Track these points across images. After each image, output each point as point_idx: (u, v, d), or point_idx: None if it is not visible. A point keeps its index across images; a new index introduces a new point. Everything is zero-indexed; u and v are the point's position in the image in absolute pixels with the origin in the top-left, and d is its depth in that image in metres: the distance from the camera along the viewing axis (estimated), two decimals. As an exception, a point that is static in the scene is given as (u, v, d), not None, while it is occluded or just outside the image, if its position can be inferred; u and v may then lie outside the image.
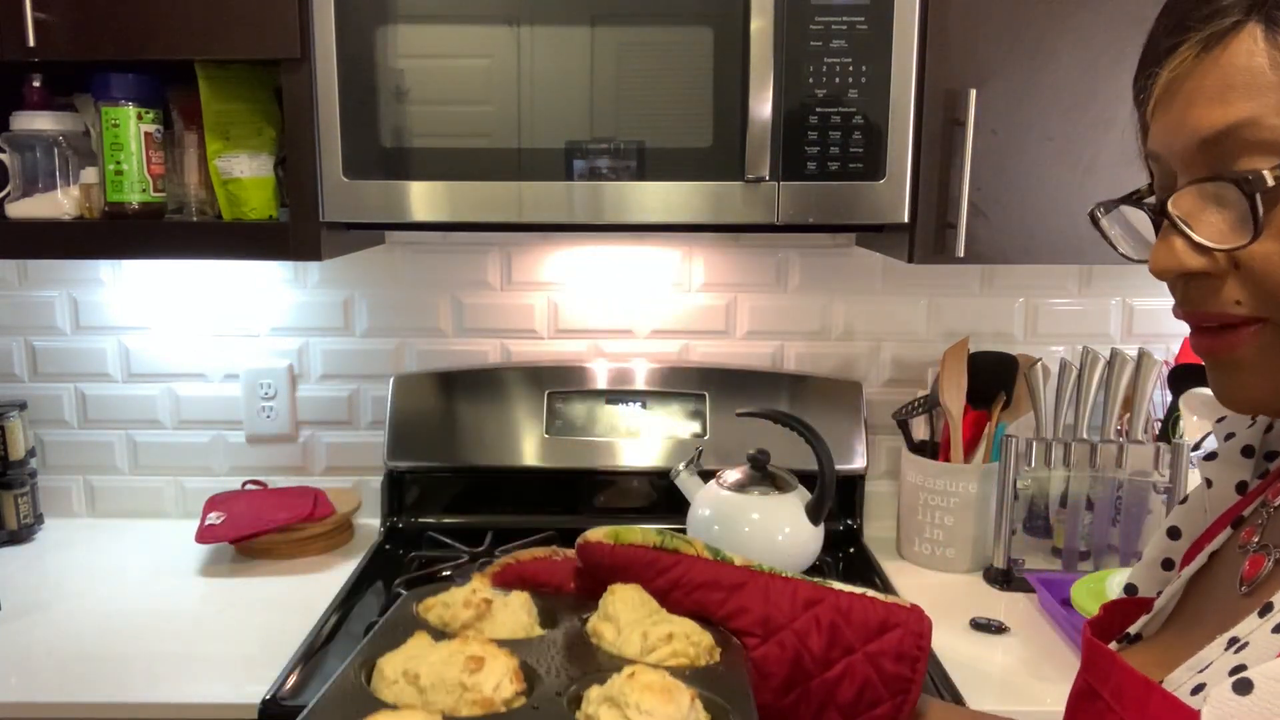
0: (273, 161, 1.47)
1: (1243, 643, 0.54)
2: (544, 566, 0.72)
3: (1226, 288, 0.53)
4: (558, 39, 1.32)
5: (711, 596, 0.67)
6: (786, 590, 0.68)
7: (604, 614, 0.65)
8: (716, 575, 0.68)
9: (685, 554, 0.68)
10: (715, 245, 1.78)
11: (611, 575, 0.68)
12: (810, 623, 0.67)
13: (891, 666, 0.67)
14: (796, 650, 0.66)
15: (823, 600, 0.68)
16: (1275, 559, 0.59)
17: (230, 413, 1.82)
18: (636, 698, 0.54)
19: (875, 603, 0.69)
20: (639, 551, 0.68)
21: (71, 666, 1.30)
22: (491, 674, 0.55)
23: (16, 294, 1.79)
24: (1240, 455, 0.72)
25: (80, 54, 1.35)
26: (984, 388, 1.65)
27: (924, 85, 1.34)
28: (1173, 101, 0.54)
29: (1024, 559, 1.61)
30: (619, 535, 0.68)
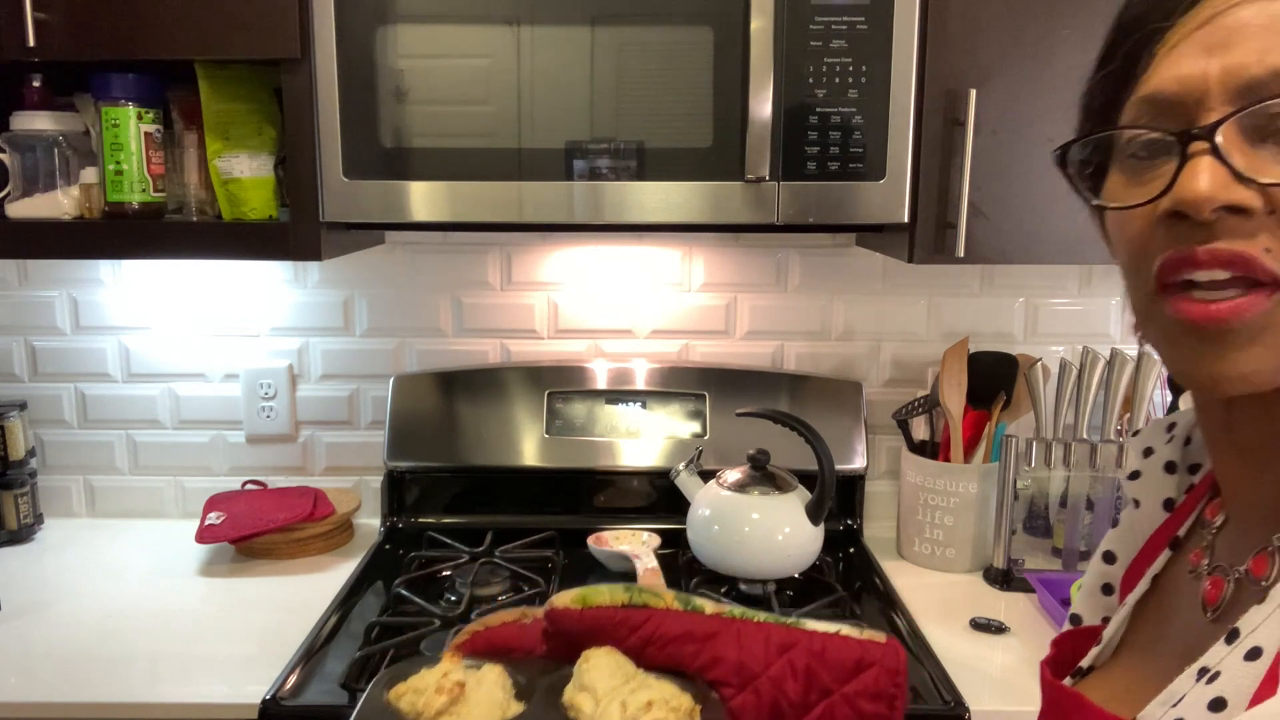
0: (273, 161, 1.47)
1: (1214, 673, 0.52)
2: (514, 631, 0.70)
3: (1262, 233, 0.50)
4: (558, 39, 1.32)
5: (685, 649, 0.66)
6: (759, 636, 0.67)
7: (579, 684, 0.64)
8: (689, 627, 0.67)
9: (655, 608, 0.67)
10: (715, 245, 1.78)
11: (584, 639, 0.67)
12: (785, 668, 0.66)
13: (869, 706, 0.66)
14: (773, 697, 0.66)
15: (796, 644, 0.67)
16: (1235, 579, 0.58)
17: (230, 413, 1.82)
18: None
19: (849, 641, 0.67)
20: (608, 613, 0.67)
21: (71, 666, 1.30)
22: None
23: (16, 294, 1.79)
24: (1163, 472, 0.70)
25: (80, 54, 1.35)
26: (984, 388, 1.65)
27: (924, 85, 1.34)
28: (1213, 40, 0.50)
29: (1024, 559, 1.61)
30: (586, 598, 0.67)
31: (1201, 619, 0.59)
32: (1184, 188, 0.50)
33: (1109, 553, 0.73)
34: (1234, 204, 0.49)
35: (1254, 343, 0.50)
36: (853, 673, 0.66)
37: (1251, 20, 0.49)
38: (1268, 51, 0.49)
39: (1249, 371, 0.51)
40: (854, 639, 0.67)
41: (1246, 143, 0.50)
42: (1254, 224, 0.49)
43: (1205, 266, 0.50)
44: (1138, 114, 0.54)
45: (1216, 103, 0.50)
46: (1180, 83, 0.51)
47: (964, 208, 1.35)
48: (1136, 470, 0.72)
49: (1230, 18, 0.50)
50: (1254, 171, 0.49)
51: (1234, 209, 0.49)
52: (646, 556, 1.53)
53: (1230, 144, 0.49)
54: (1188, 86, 0.51)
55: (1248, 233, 0.49)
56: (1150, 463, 0.71)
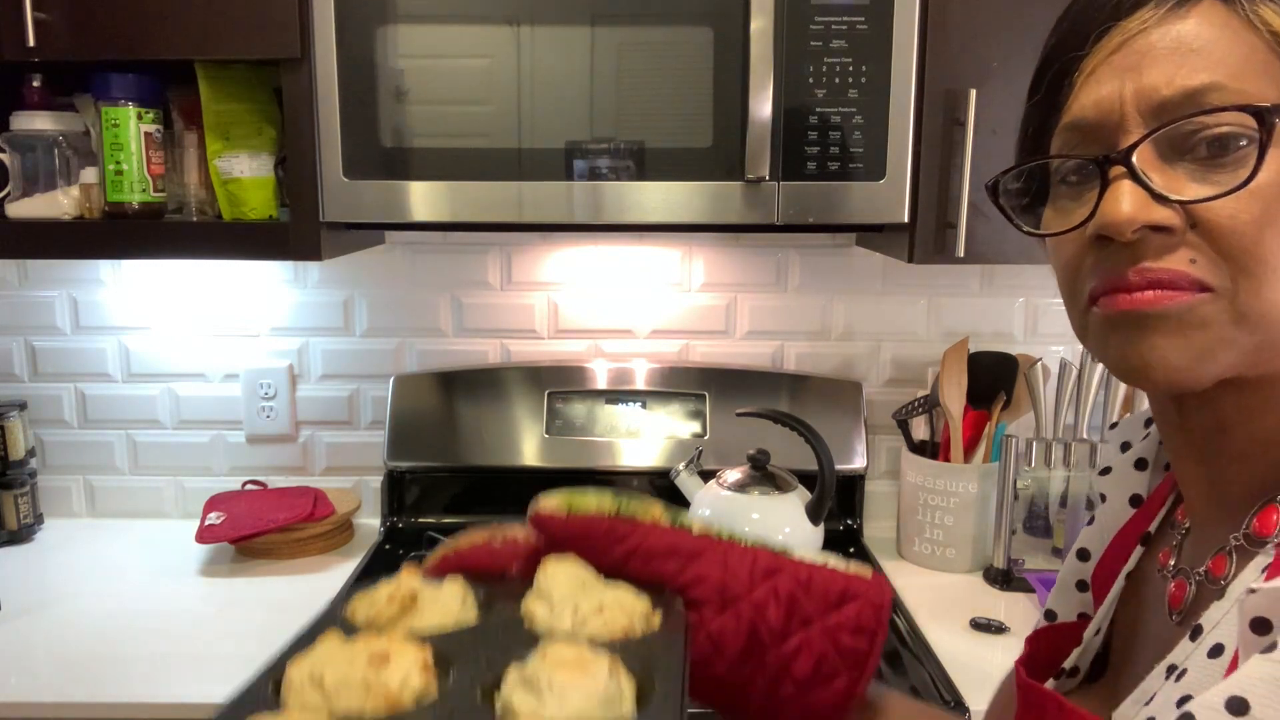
0: (273, 161, 1.48)
1: (1181, 669, 0.53)
2: (484, 552, 0.68)
3: (1183, 245, 0.52)
4: (558, 39, 1.32)
5: (668, 566, 0.64)
6: (745, 559, 0.64)
7: (538, 592, 0.61)
8: (675, 543, 0.64)
9: (642, 521, 0.65)
10: (715, 245, 1.78)
11: (567, 546, 0.65)
12: (769, 594, 0.63)
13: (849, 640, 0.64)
14: (753, 622, 0.63)
15: (782, 570, 0.65)
16: (1196, 582, 0.59)
17: (230, 413, 1.82)
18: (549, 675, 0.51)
19: (835, 574, 0.65)
20: (595, 522, 0.64)
21: (71, 666, 1.30)
22: (397, 669, 0.52)
23: (16, 294, 1.79)
24: (1133, 468, 0.71)
25: (80, 54, 1.35)
26: (984, 388, 1.65)
27: (924, 85, 1.34)
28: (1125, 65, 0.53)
29: (1024, 559, 1.61)
30: (573, 505, 0.65)
31: (1169, 621, 0.60)
32: (1106, 212, 0.52)
33: (1083, 550, 0.74)
34: (1155, 223, 0.51)
35: (1176, 334, 0.52)
36: (836, 605, 0.64)
37: (1158, 43, 0.52)
38: (1176, 73, 0.51)
39: (1172, 358, 0.53)
40: (840, 572, 0.65)
41: (1163, 162, 0.52)
42: (1176, 239, 0.52)
43: (1137, 289, 0.53)
44: (1064, 141, 0.57)
45: (1133, 125, 0.53)
46: (1098, 107, 0.54)
47: (964, 208, 1.35)
48: (1108, 466, 0.73)
49: (1140, 42, 0.52)
50: (1171, 190, 0.51)
51: (1156, 228, 0.52)
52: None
53: (1147, 165, 0.52)
54: (1105, 111, 0.54)
55: (1170, 248, 0.52)
56: (1124, 459, 0.72)
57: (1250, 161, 0.51)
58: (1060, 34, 0.58)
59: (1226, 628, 0.52)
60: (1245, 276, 0.51)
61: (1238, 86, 0.51)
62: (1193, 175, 0.52)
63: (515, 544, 0.68)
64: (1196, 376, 0.53)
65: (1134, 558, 0.67)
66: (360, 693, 0.52)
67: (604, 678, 0.52)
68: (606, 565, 0.64)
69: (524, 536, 0.68)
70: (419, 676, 0.53)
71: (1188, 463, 0.61)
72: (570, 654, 0.52)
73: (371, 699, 0.51)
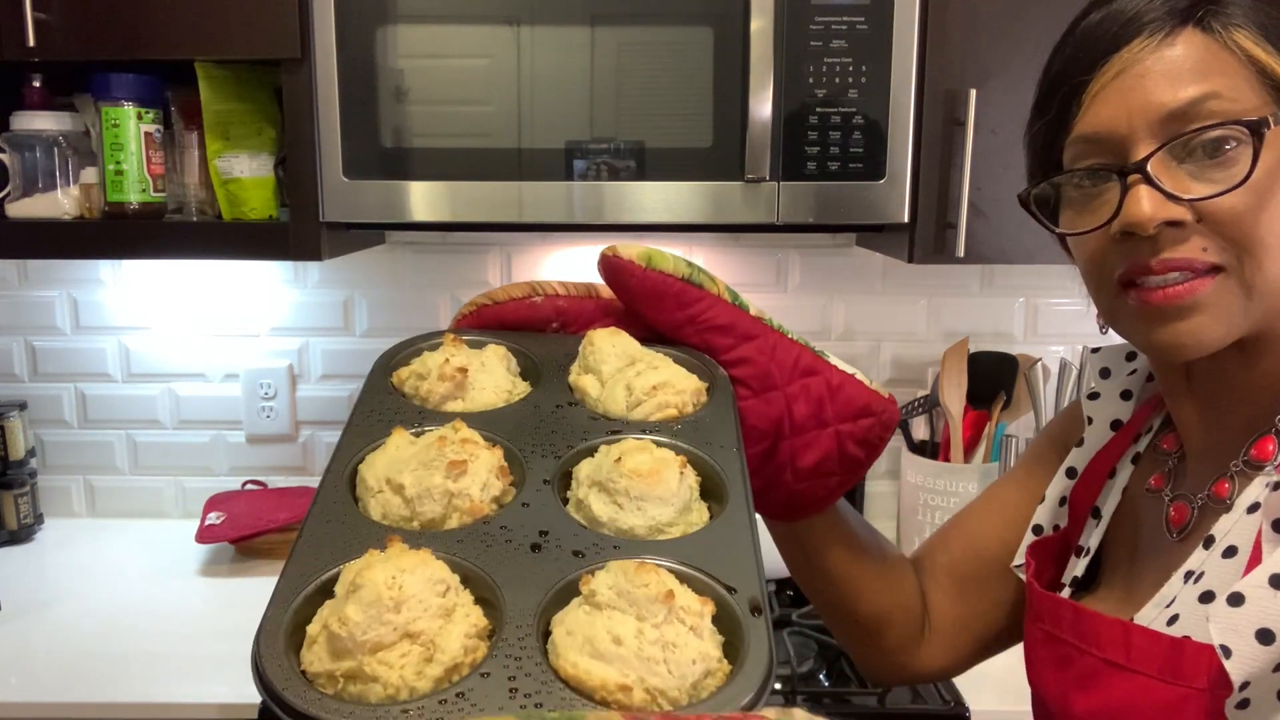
0: (273, 161, 1.47)
1: (1198, 574, 0.63)
2: (523, 309, 0.69)
3: (1194, 237, 0.61)
4: (558, 39, 1.32)
5: (722, 340, 0.68)
6: (790, 353, 0.70)
7: (584, 365, 0.62)
8: (733, 320, 0.69)
9: (709, 292, 0.68)
10: (715, 245, 1.78)
11: (633, 299, 0.67)
12: (801, 390, 0.69)
13: (853, 448, 0.72)
14: (781, 412, 0.69)
15: (819, 373, 0.71)
16: (1199, 506, 0.68)
17: (230, 413, 1.82)
18: (625, 483, 0.52)
19: (862, 388, 0.72)
20: (669, 281, 0.67)
21: (71, 666, 1.30)
22: (476, 476, 0.52)
23: (16, 294, 1.79)
24: (1119, 398, 0.78)
25: (80, 54, 1.35)
26: (984, 388, 1.65)
27: (924, 85, 1.34)
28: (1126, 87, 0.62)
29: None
30: (652, 259, 0.67)
31: (1167, 538, 0.69)
32: (1130, 212, 0.61)
33: (1071, 468, 0.79)
34: (1170, 219, 0.61)
35: (1201, 313, 0.62)
36: (854, 416, 0.72)
37: (1154, 67, 0.62)
38: (1173, 87, 0.61)
39: (1204, 337, 0.62)
40: (866, 386, 0.73)
41: (1171, 166, 0.61)
42: (1187, 231, 0.61)
43: (1159, 273, 0.62)
44: (1077, 152, 0.65)
45: (1142, 136, 0.62)
46: (1108, 123, 0.63)
47: (964, 208, 1.35)
48: (1096, 391, 0.79)
49: (1138, 67, 0.62)
50: (1181, 191, 0.61)
51: (1171, 223, 0.61)
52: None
53: (1159, 171, 0.61)
54: (1113, 125, 0.63)
55: (1184, 239, 0.61)
56: (1108, 385, 0.79)
57: (1244, 160, 0.60)
58: (1064, 60, 0.67)
59: (1238, 534, 0.62)
60: (1249, 256, 0.61)
61: (1230, 95, 0.60)
62: (1195, 175, 0.61)
63: (555, 299, 0.68)
64: (1218, 342, 0.63)
65: (1125, 474, 0.75)
66: (442, 502, 0.52)
67: (676, 481, 0.53)
68: (666, 325, 0.67)
69: (563, 290, 0.70)
70: (496, 482, 0.53)
71: (1188, 405, 0.69)
72: (644, 462, 0.53)
73: (454, 509, 0.52)
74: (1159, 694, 0.61)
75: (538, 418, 0.59)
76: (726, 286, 0.70)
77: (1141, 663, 0.63)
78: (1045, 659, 0.71)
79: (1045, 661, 0.71)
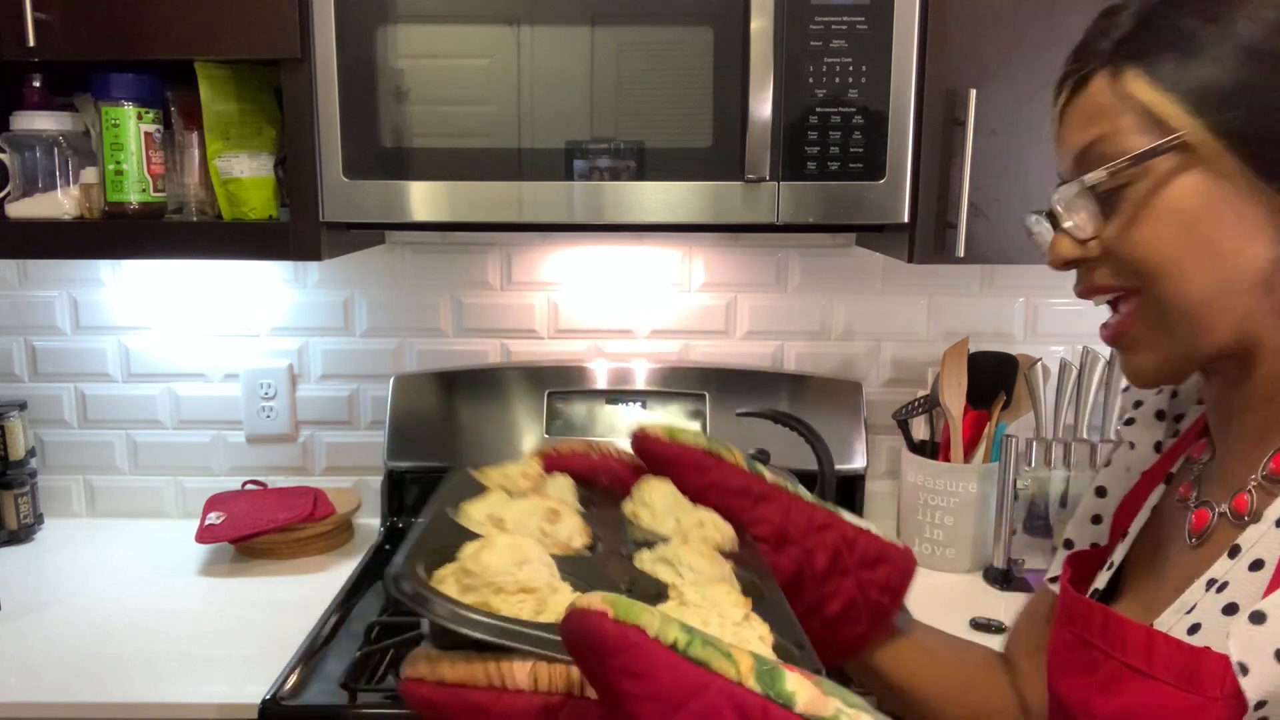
0: (273, 161, 1.47)
1: (1222, 583, 0.63)
2: (582, 460, 0.79)
3: (1102, 267, 0.68)
4: (557, 39, 1.32)
5: (739, 502, 0.76)
6: (804, 511, 0.77)
7: (639, 500, 0.73)
8: (748, 485, 0.77)
9: (725, 460, 0.77)
10: (715, 245, 1.78)
11: (660, 467, 0.76)
12: (818, 544, 0.76)
13: (876, 595, 0.78)
14: (800, 564, 0.76)
15: (832, 527, 0.77)
16: (1219, 513, 0.69)
17: (230, 413, 1.82)
18: (688, 560, 0.63)
19: (875, 539, 0.79)
20: (690, 450, 0.76)
21: (71, 666, 1.30)
22: (567, 526, 0.63)
23: (16, 294, 1.79)
24: (1154, 419, 0.82)
25: (80, 54, 1.35)
26: (984, 388, 1.65)
27: (924, 85, 1.34)
28: (1058, 126, 0.70)
29: (1024, 559, 1.61)
30: (674, 433, 0.77)
31: (1188, 544, 0.70)
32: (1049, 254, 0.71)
33: (1101, 488, 0.84)
34: (1074, 258, 0.69)
35: (1134, 350, 0.68)
36: (871, 564, 0.78)
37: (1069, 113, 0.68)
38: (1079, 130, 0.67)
39: (1141, 369, 0.69)
40: (878, 538, 0.79)
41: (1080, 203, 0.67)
42: (1096, 261, 0.68)
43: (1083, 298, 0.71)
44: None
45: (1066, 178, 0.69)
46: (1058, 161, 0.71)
47: (964, 208, 1.35)
48: (1131, 417, 0.84)
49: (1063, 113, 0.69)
50: (1081, 232, 0.68)
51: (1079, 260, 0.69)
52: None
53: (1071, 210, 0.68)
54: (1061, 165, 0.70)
55: (1094, 268, 0.69)
56: (1141, 411, 0.83)
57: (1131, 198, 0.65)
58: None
59: (1265, 547, 0.63)
60: (1152, 281, 0.65)
61: (1120, 136, 0.65)
62: (1099, 213, 0.67)
63: (608, 459, 0.79)
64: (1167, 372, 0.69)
65: (1157, 492, 0.77)
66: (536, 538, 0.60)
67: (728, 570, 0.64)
68: (690, 489, 0.75)
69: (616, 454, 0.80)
70: (580, 537, 0.64)
71: (1214, 413, 0.73)
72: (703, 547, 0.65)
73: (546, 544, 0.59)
74: (1176, 701, 0.62)
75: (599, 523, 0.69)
76: (743, 455, 0.78)
77: (1162, 669, 0.63)
78: (1072, 662, 0.72)
79: (1072, 665, 0.72)
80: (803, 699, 0.45)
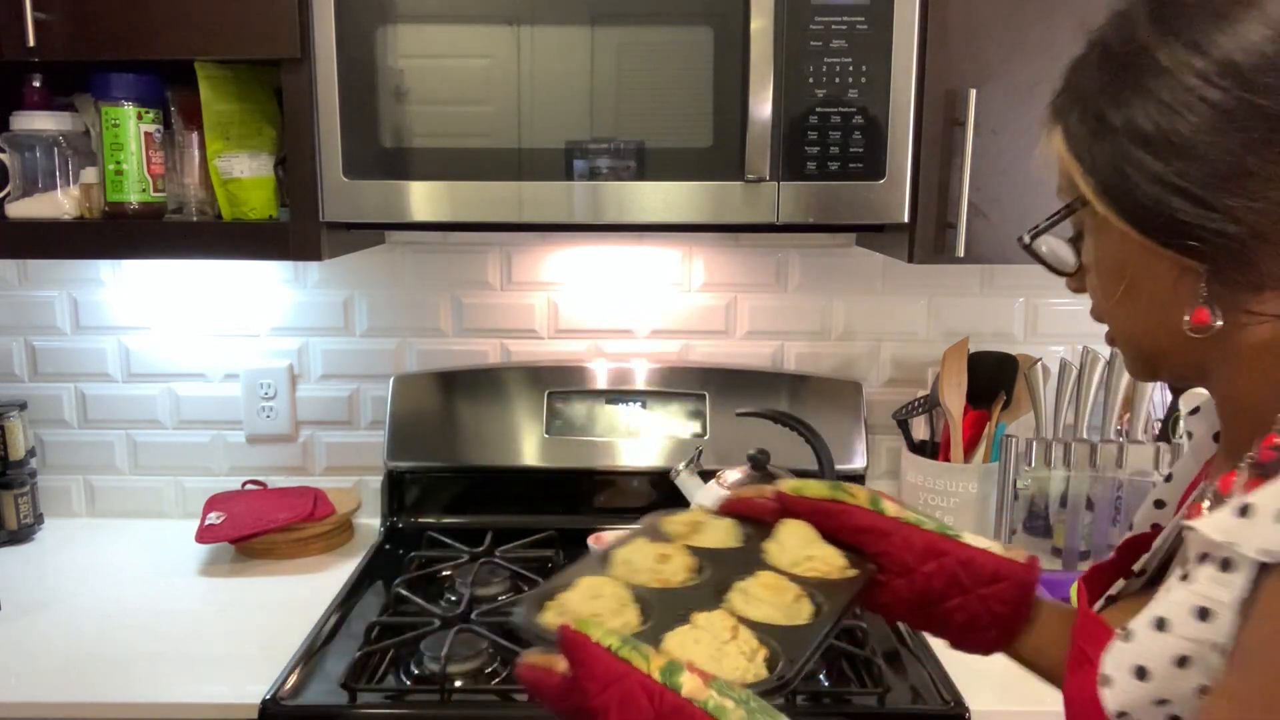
0: (273, 161, 1.48)
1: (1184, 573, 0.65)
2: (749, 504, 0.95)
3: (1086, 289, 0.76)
4: (557, 39, 1.32)
5: (865, 539, 0.88)
6: (921, 540, 0.87)
7: (775, 538, 0.89)
8: (872, 523, 0.88)
9: (849, 504, 0.90)
10: (715, 245, 1.78)
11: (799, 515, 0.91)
12: (937, 568, 0.85)
13: (998, 607, 0.85)
14: (923, 587, 0.86)
15: (949, 553, 0.85)
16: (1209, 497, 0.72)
17: (230, 413, 1.82)
18: (756, 591, 0.80)
19: (992, 557, 0.86)
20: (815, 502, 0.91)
21: (71, 666, 1.30)
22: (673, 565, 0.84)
23: (16, 294, 1.79)
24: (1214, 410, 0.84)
25: (80, 54, 1.35)
26: (984, 388, 1.65)
27: (924, 85, 1.34)
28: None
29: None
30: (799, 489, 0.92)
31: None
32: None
33: (1169, 474, 0.87)
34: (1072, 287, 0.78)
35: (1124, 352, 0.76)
36: (989, 581, 0.85)
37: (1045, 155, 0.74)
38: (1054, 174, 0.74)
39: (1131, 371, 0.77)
40: (995, 555, 0.86)
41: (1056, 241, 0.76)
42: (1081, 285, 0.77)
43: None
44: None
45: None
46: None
47: (964, 208, 1.35)
48: (1196, 407, 0.86)
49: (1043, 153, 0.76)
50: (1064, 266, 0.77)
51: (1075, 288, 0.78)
52: (646, 556, 1.53)
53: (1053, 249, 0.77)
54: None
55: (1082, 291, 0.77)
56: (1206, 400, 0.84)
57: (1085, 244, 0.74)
58: None
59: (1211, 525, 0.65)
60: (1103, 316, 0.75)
61: (1063, 189, 0.73)
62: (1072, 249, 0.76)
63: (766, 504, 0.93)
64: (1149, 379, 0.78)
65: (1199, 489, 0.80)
66: (646, 575, 0.83)
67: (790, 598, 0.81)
68: (825, 531, 0.89)
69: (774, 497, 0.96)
70: (684, 574, 0.84)
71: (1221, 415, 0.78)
72: (771, 579, 0.82)
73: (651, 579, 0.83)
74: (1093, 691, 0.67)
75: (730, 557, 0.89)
76: (867, 496, 0.90)
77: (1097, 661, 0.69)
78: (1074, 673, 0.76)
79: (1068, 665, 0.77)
80: (687, 688, 0.67)
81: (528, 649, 0.77)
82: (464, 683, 1.24)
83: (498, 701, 1.22)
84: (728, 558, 0.89)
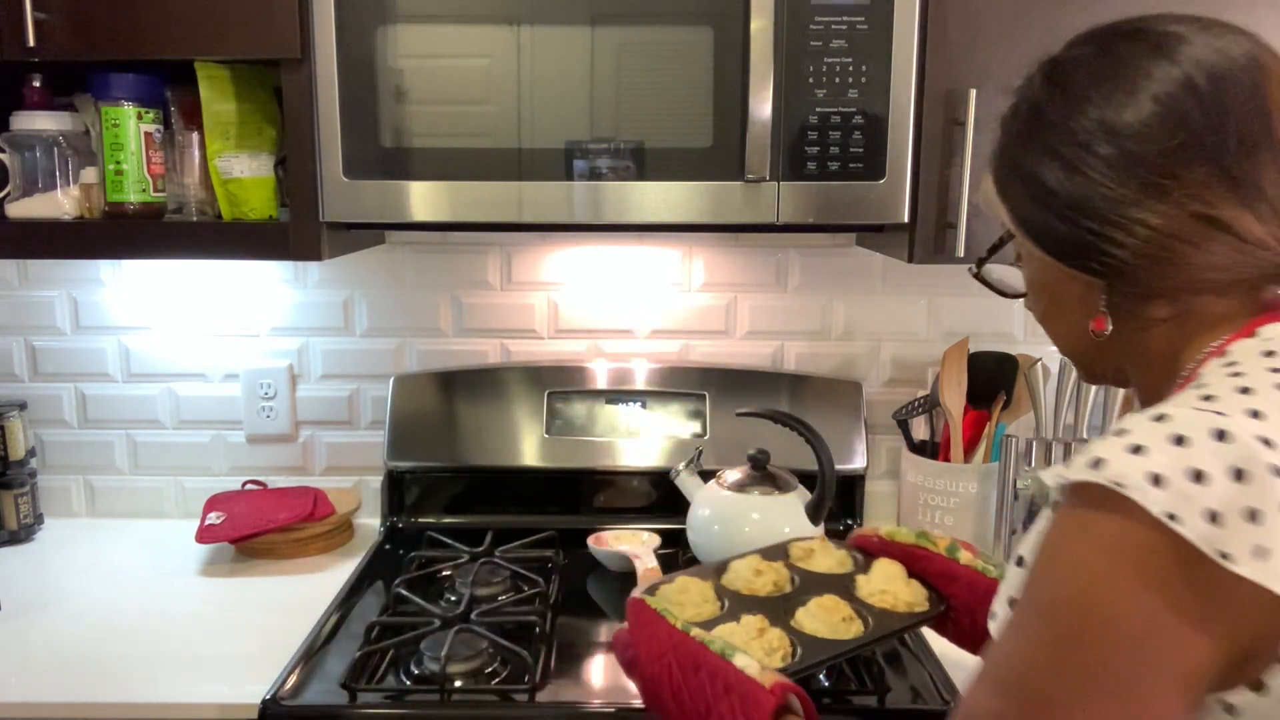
0: (273, 161, 1.48)
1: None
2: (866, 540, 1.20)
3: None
4: (558, 39, 1.32)
5: (940, 581, 1.10)
6: (985, 585, 1.05)
7: (868, 572, 1.12)
8: (947, 569, 1.10)
9: (928, 550, 1.12)
10: (715, 245, 1.78)
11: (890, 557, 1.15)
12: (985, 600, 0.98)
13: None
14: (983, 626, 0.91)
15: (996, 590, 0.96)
16: None
17: (230, 413, 1.82)
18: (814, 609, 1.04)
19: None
20: (901, 546, 1.15)
21: (71, 666, 1.30)
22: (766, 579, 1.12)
23: (16, 294, 1.79)
24: None
25: (80, 54, 1.35)
26: (984, 388, 1.65)
27: (924, 85, 1.34)
28: None
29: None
30: (891, 534, 1.17)
31: None
32: None
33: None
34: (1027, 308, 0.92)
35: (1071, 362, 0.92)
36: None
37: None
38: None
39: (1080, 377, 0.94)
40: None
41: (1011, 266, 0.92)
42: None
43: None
44: None
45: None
46: None
47: (964, 208, 1.35)
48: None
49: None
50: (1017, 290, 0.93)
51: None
52: (647, 556, 1.53)
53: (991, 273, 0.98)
54: None
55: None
56: None
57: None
58: None
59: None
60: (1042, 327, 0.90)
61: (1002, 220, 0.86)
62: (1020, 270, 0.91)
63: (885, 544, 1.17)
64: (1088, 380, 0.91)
65: None
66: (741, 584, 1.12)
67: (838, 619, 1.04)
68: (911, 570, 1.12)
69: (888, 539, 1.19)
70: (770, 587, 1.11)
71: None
72: (830, 602, 1.06)
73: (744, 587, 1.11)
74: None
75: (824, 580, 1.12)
76: (947, 543, 1.11)
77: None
78: None
79: None
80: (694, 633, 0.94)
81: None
82: (464, 683, 1.24)
83: (498, 701, 1.22)
84: (819, 581, 1.10)
